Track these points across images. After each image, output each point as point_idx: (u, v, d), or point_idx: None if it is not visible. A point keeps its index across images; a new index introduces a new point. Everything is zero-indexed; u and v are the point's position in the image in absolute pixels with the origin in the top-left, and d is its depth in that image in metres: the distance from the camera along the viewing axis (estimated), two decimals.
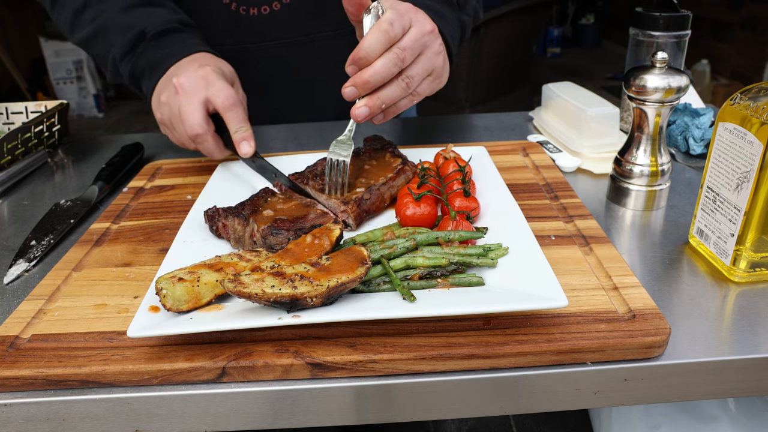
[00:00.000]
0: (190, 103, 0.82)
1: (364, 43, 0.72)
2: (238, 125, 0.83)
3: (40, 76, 5.36)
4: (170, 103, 0.85)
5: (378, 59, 0.72)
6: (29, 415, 0.56)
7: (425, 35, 0.76)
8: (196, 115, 0.82)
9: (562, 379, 0.56)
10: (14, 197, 1.00)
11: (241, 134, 0.84)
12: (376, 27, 0.72)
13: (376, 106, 0.76)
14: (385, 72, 0.73)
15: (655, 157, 0.81)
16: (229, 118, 0.83)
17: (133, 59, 0.93)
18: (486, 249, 0.65)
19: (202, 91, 0.83)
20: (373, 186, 0.80)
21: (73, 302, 0.66)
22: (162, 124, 0.90)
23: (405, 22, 0.74)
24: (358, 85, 0.73)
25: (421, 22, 0.77)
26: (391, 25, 0.72)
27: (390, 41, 0.73)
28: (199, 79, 0.83)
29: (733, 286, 0.66)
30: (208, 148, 0.86)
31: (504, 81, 4.13)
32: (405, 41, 0.74)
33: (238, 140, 0.84)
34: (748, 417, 0.88)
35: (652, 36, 0.99)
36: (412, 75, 0.76)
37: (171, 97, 0.85)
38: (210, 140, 0.85)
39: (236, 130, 0.83)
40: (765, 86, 0.63)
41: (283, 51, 1.15)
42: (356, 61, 0.73)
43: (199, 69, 0.84)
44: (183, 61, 0.88)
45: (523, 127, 1.19)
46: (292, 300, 0.56)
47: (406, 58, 0.74)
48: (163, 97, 0.86)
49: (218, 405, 0.56)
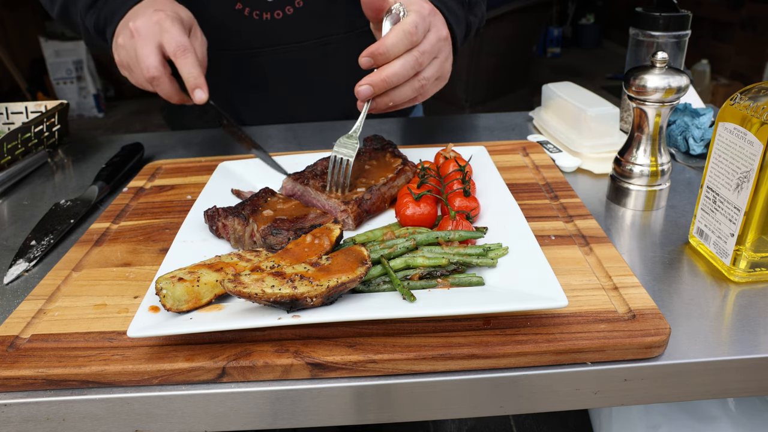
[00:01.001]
0: (145, 47, 0.83)
1: (387, 40, 0.72)
2: (189, 72, 0.84)
3: (40, 76, 5.36)
4: (126, 47, 0.87)
5: (397, 60, 0.73)
6: (29, 415, 0.56)
7: (440, 41, 0.78)
8: (151, 58, 0.83)
9: (562, 379, 0.56)
10: (14, 197, 1.00)
11: (194, 81, 0.84)
12: (400, 27, 0.73)
13: (384, 103, 0.76)
14: (404, 73, 0.74)
15: (655, 157, 0.81)
16: (181, 65, 0.83)
17: (96, 12, 0.95)
18: (486, 249, 0.65)
19: (156, 36, 0.84)
20: (374, 186, 0.80)
21: (73, 302, 0.66)
22: (120, 66, 0.91)
23: (426, 25, 0.76)
24: (375, 84, 0.74)
25: (439, 27, 0.78)
26: (416, 27, 0.73)
27: (412, 44, 0.74)
28: (154, 24, 0.84)
29: (733, 286, 0.66)
30: (164, 91, 0.87)
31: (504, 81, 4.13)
32: (424, 45, 0.75)
33: (191, 87, 0.84)
34: (748, 417, 0.88)
35: (652, 36, 0.99)
36: (428, 77, 0.78)
37: (127, 41, 0.86)
38: (166, 82, 0.85)
39: (188, 77, 0.84)
40: (765, 86, 0.63)
41: (295, 54, 1.15)
42: (375, 56, 0.73)
43: (154, 14, 0.85)
44: (140, 5, 0.90)
45: (523, 127, 1.19)
46: (292, 300, 0.56)
47: (424, 62, 0.76)
48: (120, 40, 0.88)
49: (218, 405, 0.56)
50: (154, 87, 0.87)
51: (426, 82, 0.77)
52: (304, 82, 1.20)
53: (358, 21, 0.78)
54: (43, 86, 5.36)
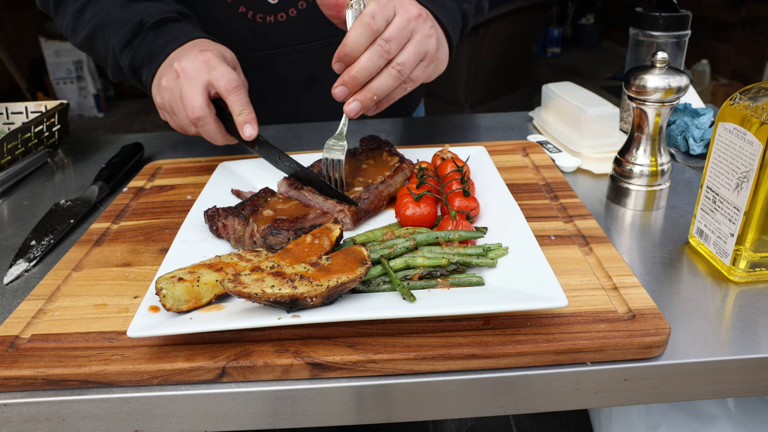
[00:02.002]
0: (192, 87, 0.82)
1: (347, 39, 0.72)
2: (242, 108, 0.83)
3: (40, 76, 5.36)
4: (171, 88, 0.84)
5: (363, 54, 0.73)
6: (29, 415, 0.56)
7: (411, 21, 0.76)
8: (198, 98, 0.81)
9: (562, 379, 0.56)
10: (14, 197, 1.00)
11: (245, 117, 0.83)
12: (358, 22, 0.72)
13: (368, 99, 0.75)
14: (372, 66, 0.73)
15: (655, 157, 0.81)
16: (232, 101, 0.82)
17: (132, 51, 0.92)
18: (486, 249, 0.65)
19: (204, 75, 0.82)
20: (371, 185, 0.80)
21: (73, 302, 0.66)
22: (162, 109, 0.89)
23: (388, 12, 0.74)
24: (346, 83, 0.74)
25: (406, 8, 0.76)
26: (373, 17, 0.72)
27: (374, 34, 0.73)
28: (201, 63, 0.83)
29: (732, 286, 0.66)
30: (209, 132, 0.85)
31: (504, 81, 4.13)
32: (389, 32, 0.74)
33: (241, 123, 0.83)
34: (748, 417, 0.88)
35: (652, 36, 0.99)
36: (403, 61, 0.76)
37: (172, 82, 0.84)
38: (212, 123, 0.84)
39: (239, 113, 0.83)
40: (765, 86, 0.63)
41: (299, 57, 1.15)
42: (342, 58, 0.73)
43: (201, 54, 0.84)
44: (184, 47, 0.88)
45: (523, 127, 1.19)
46: (292, 300, 0.56)
47: (392, 49, 0.74)
48: (164, 82, 0.86)
49: (218, 405, 0.56)
50: (198, 128, 0.84)
51: (402, 67, 0.75)
52: (309, 84, 1.19)
53: None
54: (43, 86, 5.36)
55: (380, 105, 0.79)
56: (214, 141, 0.86)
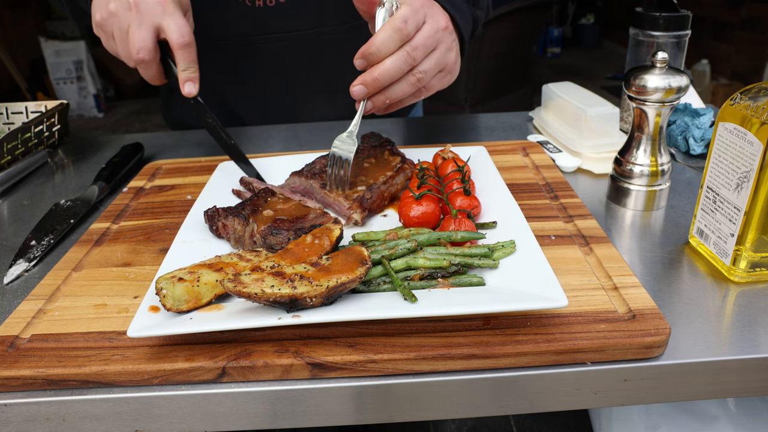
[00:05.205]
0: (142, 26, 0.79)
1: (376, 39, 0.71)
2: (188, 64, 0.82)
3: (40, 76, 5.36)
4: (119, 16, 0.81)
5: (388, 57, 0.72)
6: (29, 415, 0.56)
7: (439, 32, 0.76)
8: (146, 40, 0.79)
9: (562, 379, 0.56)
10: (14, 197, 1.00)
11: (188, 74, 0.82)
12: (389, 24, 0.72)
13: (380, 101, 0.75)
14: (395, 71, 0.73)
15: (655, 157, 0.81)
16: (180, 56, 0.81)
17: None
18: (491, 249, 0.65)
19: (156, 18, 0.80)
20: (374, 185, 0.80)
21: (73, 302, 0.66)
22: (101, 29, 0.85)
23: (419, 18, 0.74)
24: (367, 83, 0.73)
25: (436, 18, 0.76)
26: (405, 22, 0.72)
27: (403, 39, 0.72)
28: (156, 3, 0.80)
29: (733, 286, 0.66)
30: (148, 75, 0.84)
31: (504, 81, 4.13)
32: (417, 39, 0.74)
33: (183, 79, 0.82)
34: (748, 417, 0.88)
35: (652, 36, 0.99)
36: (425, 70, 0.76)
37: (122, 10, 0.81)
38: (154, 68, 0.83)
39: (185, 69, 0.82)
40: (765, 86, 0.63)
41: (287, 44, 1.14)
42: (366, 56, 0.72)
43: None
44: None
45: (523, 127, 1.19)
46: (292, 300, 0.56)
47: (418, 56, 0.74)
48: (113, 6, 0.81)
49: (218, 405, 0.56)
50: (138, 67, 0.83)
51: (423, 76, 0.76)
52: (298, 74, 1.19)
53: (352, 14, 0.77)
54: (43, 86, 5.36)
55: (389, 108, 0.79)
56: (149, 81, 0.86)
